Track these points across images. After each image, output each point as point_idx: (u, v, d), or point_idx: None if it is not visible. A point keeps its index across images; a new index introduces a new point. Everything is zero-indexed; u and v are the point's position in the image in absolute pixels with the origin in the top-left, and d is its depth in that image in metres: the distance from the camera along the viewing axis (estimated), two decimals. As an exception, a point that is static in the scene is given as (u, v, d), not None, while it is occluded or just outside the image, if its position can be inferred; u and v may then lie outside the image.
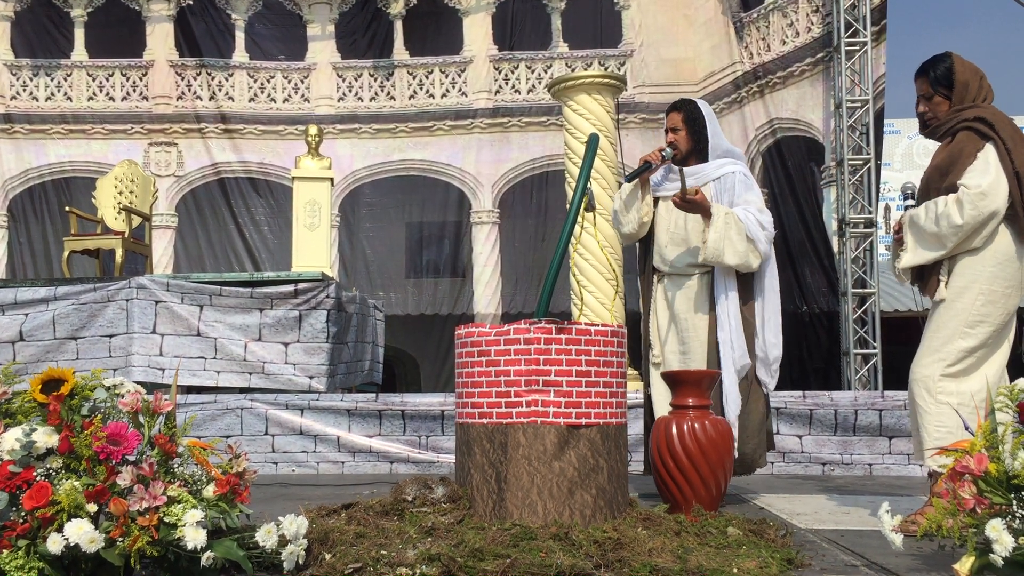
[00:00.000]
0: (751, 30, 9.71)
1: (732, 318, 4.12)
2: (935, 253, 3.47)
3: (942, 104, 3.56)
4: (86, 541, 2.29)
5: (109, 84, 10.61)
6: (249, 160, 10.58)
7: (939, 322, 3.46)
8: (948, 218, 3.39)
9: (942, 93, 3.56)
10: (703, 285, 4.21)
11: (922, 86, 3.61)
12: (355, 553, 2.63)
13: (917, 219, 3.52)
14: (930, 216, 3.46)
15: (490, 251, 10.44)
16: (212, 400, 6.28)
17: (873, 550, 2.94)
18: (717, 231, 4.02)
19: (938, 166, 3.53)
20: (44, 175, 10.51)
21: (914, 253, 3.54)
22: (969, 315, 3.41)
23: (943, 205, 3.42)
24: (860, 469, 5.95)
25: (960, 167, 3.42)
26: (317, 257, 7.84)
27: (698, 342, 4.16)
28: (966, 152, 3.43)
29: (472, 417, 3.19)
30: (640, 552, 2.64)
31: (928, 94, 3.59)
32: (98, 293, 6.63)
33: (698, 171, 4.24)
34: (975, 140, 3.43)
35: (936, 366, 3.42)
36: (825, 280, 8.93)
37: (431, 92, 10.66)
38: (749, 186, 4.26)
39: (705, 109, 4.36)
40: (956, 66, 3.54)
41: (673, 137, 4.28)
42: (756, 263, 4.12)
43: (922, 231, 3.50)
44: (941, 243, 3.44)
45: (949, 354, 3.42)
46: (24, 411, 2.55)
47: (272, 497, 4.52)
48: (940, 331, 3.45)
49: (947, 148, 3.52)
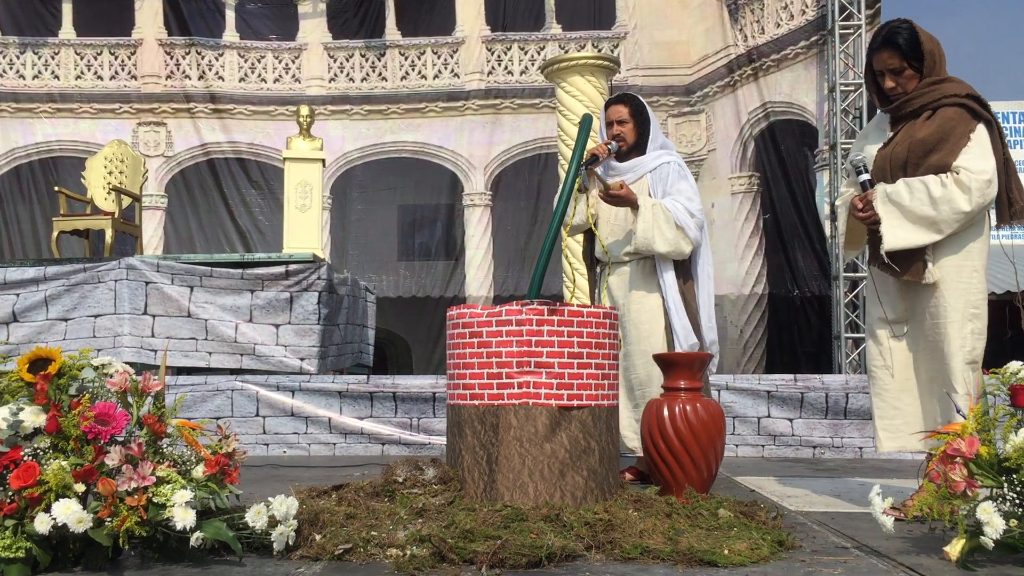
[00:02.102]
0: (745, 12, 9.68)
1: (674, 302, 4.20)
2: (929, 238, 3.24)
3: (914, 78, 3.33)
4: (74, 521, 2.28)
5: (97, 63, 10.51)
6: (239, 141, 10.51)
7: (946, 307, 3.26)
8: (951, 203, 3.18)
9: (914, 66, 3.32)
10: (641, 272, 4.27)
11: (890, 59, 3.34)
12: (345, 534, 2.62)
13: (898, 197, 3.27)
14: (919, 197, 3.22)
15: (482, 233, 10.41)
16: (203, 381, 6.25)
17: (864, 532, 2.95)
18: (645, 221, 4.14)
19: (923, 140, 3.26)
20: (31, 154, 10.42)
21: (897, 235, 3.27)
22: (972, 294, 3.26)
23: (939, 187, 3.20)
24: (851, 452, 5.97)
25: (951, 146, 3.22)
26: (308, 238, 7.81)
27: (632, 326, 4.23)
28: (958, 131, 3.23)
29: (463, 399, 3.18)
30: (631, 533, 2.64)
31: (899, 68, 3.33)
32: (88, 274, 6.59)
33: (637, 164, 4.33)
34: (967, 119, 3.24)
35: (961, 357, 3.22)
36: (817, 264, 8.93)
37: (423, 73, 10.60)
38: (683, 175, 4.33)
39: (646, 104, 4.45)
40: (921, 35, 3.32)
41: (620, 129, 4.31)
42: (688, 249, 4.21)
43: (909, 211, 3.25)
44: (937, 228, 3.23)
45: (965, 340, 3.23)
46: (11, 390, 2.53)
47: (262, 478, 4.52)
48: (950, 316, 3.24)
49: (931, 123, 3.28)
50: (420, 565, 2.40)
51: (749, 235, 9.45)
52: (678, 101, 10.22)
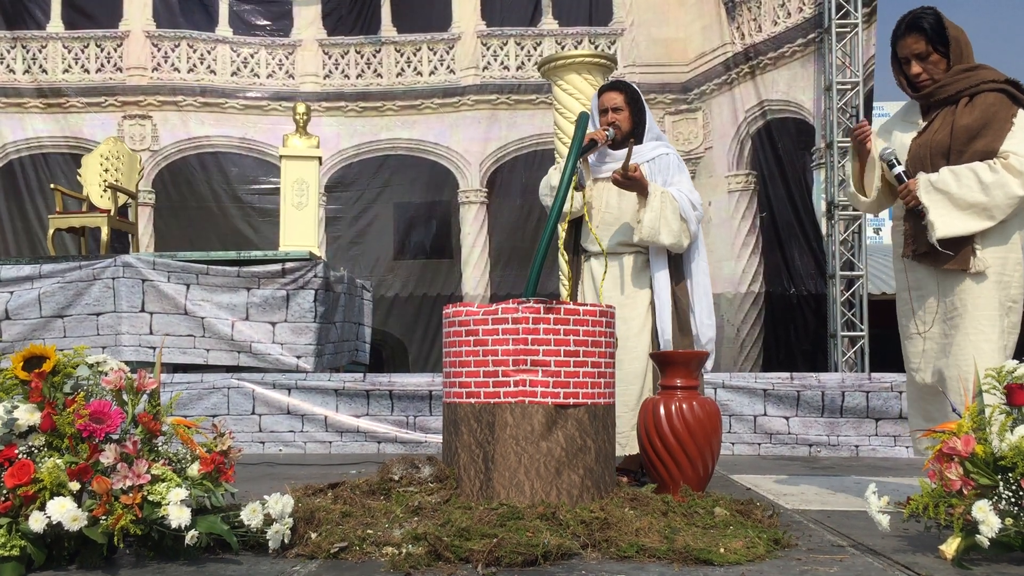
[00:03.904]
0: (742, 10, 9.67)
1: (663, 302, 4.13)
2: (980, 224, 3.21)
3: (940, 63, 3.33)
4: (69, 519, 2.27)
5: (84, 55, 10.43)
6: (231, 135, 10.42)
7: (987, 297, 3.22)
8: (1004, 187, 3.16)
9: (940, 51, 3.32)
10: (633, 267, 4.18)
11: (915, 44, 3.34)
12: (341, 532, 2.62)
13: (944, 185, 3.24)
14: (967, 184, 3.19)
15: (478, 231, 10.38)
16: (199, 379, 6.25)
17: (860, 531, 2.95)
18: (654, 210, 4.03)
19: (968, 127, 3.24)
20: (21, 150, 10.36)
21: (948, 223, 3.22)
22: (1012, 287, 3.22)
23: (990, 173, 3.18)
24: (847, 450, 5.97)
25: (996, 131, 3.20)
26: (305, 236, 7.79)
27: (622, 322, 4.03)
28: (1000, 117, 3.20)
29: (460, 397, 3.18)
30: (627, 532, 2.64)
31: (925, 52, 3.33)
32: (84, 271, 6.58)
33: (634, 152, 4.20)
34: (1008, 104, 3.22)
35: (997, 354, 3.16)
36: (813, 262, 8.93)
37: (419, 70, 10.55)
38: (681, 168, 4.27)
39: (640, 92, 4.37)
40: (945, 21, 3.31)
41: (615, 117, 4.21)
42: (687, 243, 4.13)
43: (958, 199, 3.22)
44: (989, 214, 3.19)
45: (1003, 335, 3.20)
46: (6, 388, 2.52)
47: (258, 476, 4.51)
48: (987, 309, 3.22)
49: (972, 109, 3.26)
50: (416, 563, 2.39)
51: (746, 233, 9.44)
52: (675, 98, 10.20)
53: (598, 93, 4.34)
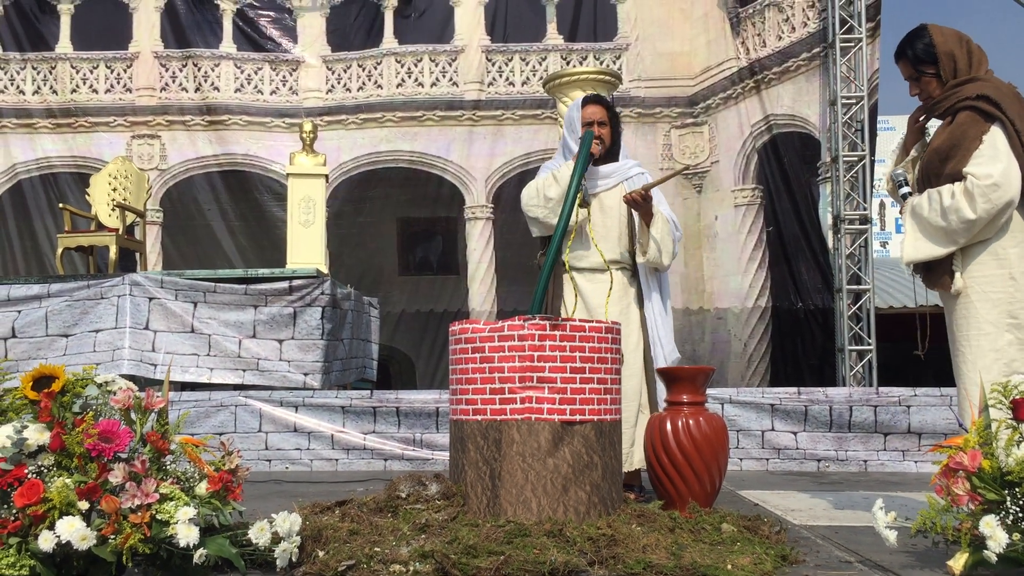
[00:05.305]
0: (747, 25, 9.70)
1: (659, 315, 4.15)
2: (944, 248, 3.21)
3: (931, 82, 3.32)
4: (78, 539, 2.28)
5: (93, 76, 10.52)
6: (235, 152, 10.46)
7: (977, 317, 3.18)
8: (958, 212, 3.12)
9: (928, 72, 3.32)
10: (622, 283, 4.16)
11: (904, 69, 3.38)
12: (348, 550, 2.62)
13: (920, 209, 3.25)
14: (935, 208, 3.19)
15: (484, 247, 10.38)
16: (206, 397, 6.26)
17: (867, 547, 2.94)
18: (659, 231, 4.08)
19: (937, 149, 3.24)
20: (31, 170, 10.42)
21: (916, 247, 3.26)
22: (1010, 303, 3.14)
23: (949, 197, 3.16)
24: (855, 465, 5.95)
25: (963, 152, 3.15)
26: (312, 254, 7.82)
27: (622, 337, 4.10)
28: (969, 135, 3.16)
29: (466, 414, 3.18)
30: (634, 549, 2.64)
31: (913, 75, 3.35)
32: (92, 290, 6.61)
33: (615, 169, 4.25)
34: (978, 122, 3.16)
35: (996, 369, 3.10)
36: (820, 276, 8.92)
37: (420, 81, 10.52)
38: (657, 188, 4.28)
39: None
40: (935, 38, 3.30)
41: (600, 131, 4.16)
42: (670, 263, 4.20)
43: (926, 223, 3.23)
44: (951, 238, 3.18)
45: (1001, 352, 3.14)
46: (15, 408, 2.54)
47: (266, 494, 4.51)
48: (982, 328, 3.17)
49: (947, 129, 3.24)
50: (423, 581, 2.40)
51: (752, 248, 9.44)
52: (681, 112, 10.22)
53: (581, 104, 4.26)
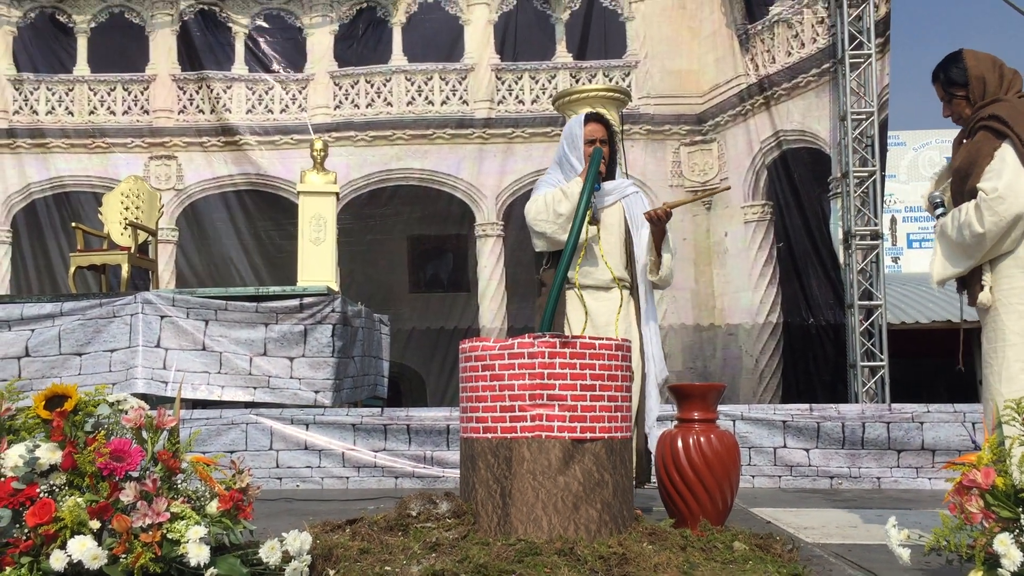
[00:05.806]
0: (756, 41, 9.72)
1: (655, 333, 4.17)
2: (964, 264, 3.33)
3: (961, 103, 3.44)
4: (89, 558, 2.28)
5: (111, 98, 10.62)
6: (248, 171, 10.54)
7: (1003, 329, 3.24)
8: (970, 227, 3.24)
9: (958, 95, 3.44)
10: (625, 301, 4.16)
11: (938, 91, 3.52)
12: (359, 569, 2.62)
13: (946, 228, 3.38)
14: (956, 226, 3.31)
15: (494, 264, 10.39)
16: (217, 415, 6.27)
17: (881, 564, 2.92)
18: (670, 252, 4.15)
19: (958, 169, 3.39)
20: (45, 189, 10.51)
21: (943, 266, 3.40)
22: None
23: (964, 213, 3.28)
24: (868, 482, 5.91)
25: (978, 169, 3.27)
26: (322, 271, 7.84)
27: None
28: (983, 153, 3.27)
29: (476, 432, 3.18)
30: (645, 567, 2.63)
31: (945, 97, 3.49)
32: (104, 309, 6.65)
33: (615, 187, 4.27)
34: (991, 140, 3.28)
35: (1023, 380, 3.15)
36: (831, 292, 8.90)
37: (430, 99, 10.57)
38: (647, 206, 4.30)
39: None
40: (968, 62, 3.42)
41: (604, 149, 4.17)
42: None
43: (949, 241, 3.36)
44: (967, 254, 3.30)
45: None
46: (28, 427, 2.55)
47: (276, 513, 4.51)
48: (1008, 338, 3.22)
49: (966, 149, 3.37)
50: (434, 600, 2.39)
51: (763, 264, 9.43)
52: (690, 130, 10.23)
53: (583, 121, 4.25)
